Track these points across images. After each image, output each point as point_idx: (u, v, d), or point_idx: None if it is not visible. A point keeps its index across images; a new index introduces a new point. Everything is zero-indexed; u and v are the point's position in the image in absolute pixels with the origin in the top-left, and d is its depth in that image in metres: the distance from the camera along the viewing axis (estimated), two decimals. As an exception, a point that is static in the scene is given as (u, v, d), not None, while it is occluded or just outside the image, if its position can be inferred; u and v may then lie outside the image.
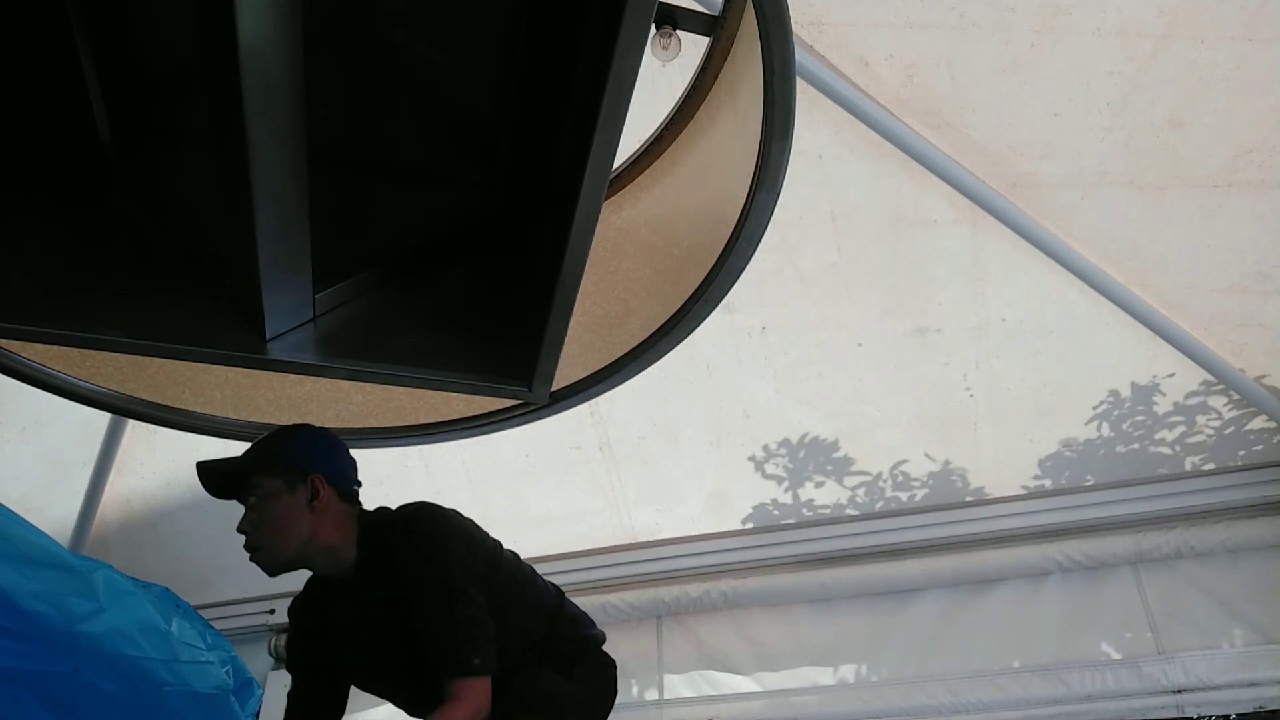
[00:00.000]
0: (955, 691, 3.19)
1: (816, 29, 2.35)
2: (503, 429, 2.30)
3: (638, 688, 3.50)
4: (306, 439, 1.95)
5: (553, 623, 2.05)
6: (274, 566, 1.84)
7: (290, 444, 1.92)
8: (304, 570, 1.91)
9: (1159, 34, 2.24)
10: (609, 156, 1.37)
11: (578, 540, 3.64)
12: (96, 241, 1.72)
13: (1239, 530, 3.14)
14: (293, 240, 1.49)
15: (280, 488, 1.82)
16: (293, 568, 1.87)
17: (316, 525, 1.83)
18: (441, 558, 1.81)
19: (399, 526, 1.86)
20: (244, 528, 1.83)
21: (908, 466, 3.33)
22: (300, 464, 1.85)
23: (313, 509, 1.83)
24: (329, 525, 1.84)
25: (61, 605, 2.33)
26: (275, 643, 3.85)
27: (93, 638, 2.39)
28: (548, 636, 2.02)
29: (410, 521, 1.87)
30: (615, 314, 2.08)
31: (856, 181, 2.67)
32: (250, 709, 3.24)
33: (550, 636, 2.02)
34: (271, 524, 1.81)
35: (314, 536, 1.83)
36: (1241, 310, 2.83)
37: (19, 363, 1.96)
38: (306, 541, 1.82)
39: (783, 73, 1.53)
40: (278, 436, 1.94)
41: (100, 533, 3.57)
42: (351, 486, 1.95)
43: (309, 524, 1.82)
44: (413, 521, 1.86)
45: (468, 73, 1.77)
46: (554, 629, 2.04)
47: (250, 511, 1.83)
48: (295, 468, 1.84)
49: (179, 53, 1.69)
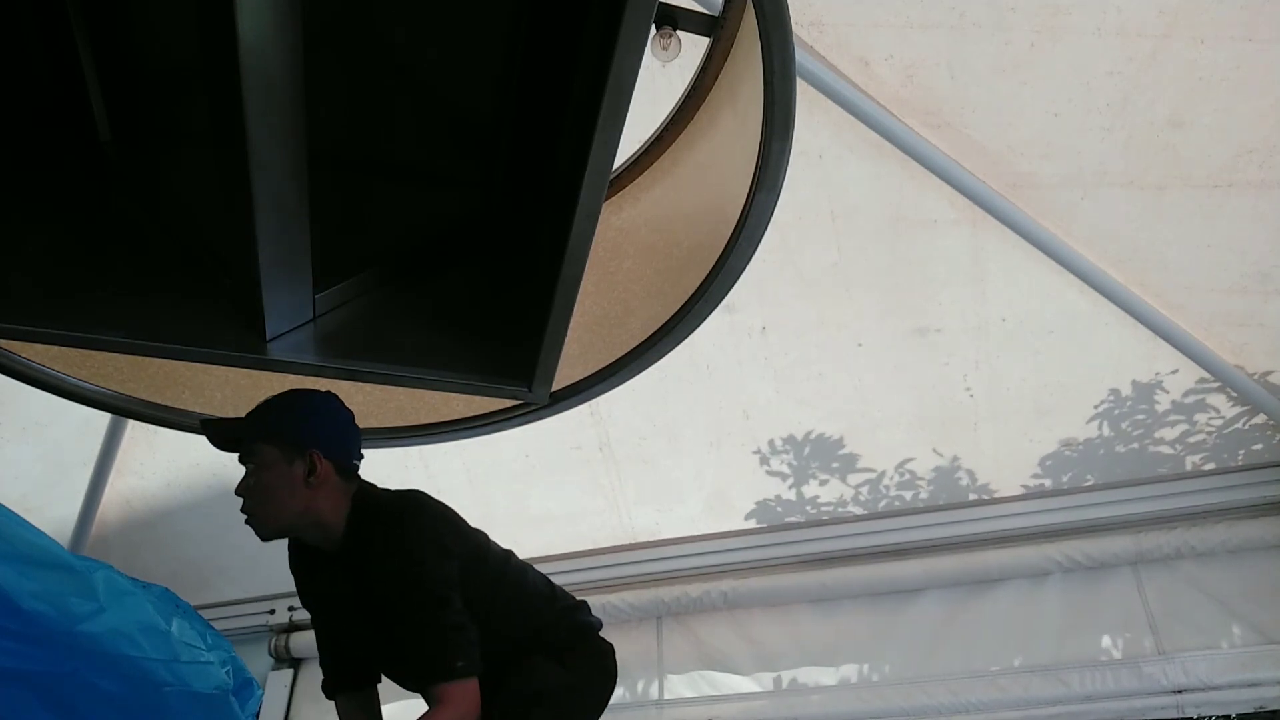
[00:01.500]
0: (956, 691, 3.19)
1: (817, 29, 2.35)
2: (503, 429, 2.30)
3: (638, 688, 3.51)
4: (310, 410, 1.91)
5: (546, 612, 2.05)
6: (265, 534, 1.84)
7: (293, 415, 1.88)
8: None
9: (1159, 34, 2.24)
10: (609, 157, 1.37)
11: (578, 540, 3.64)
12: (96, 242, 1.71)
13: (1239, 530, 3.14)
14: (293, 240, 1.49)
15: (279, 458, 1.81)
16: (284, 536, 1.88)
17: (311, 499, 1.82)
18: (419, 566, 1.79)
19: (383, 520, 1.85)
20: (241, 490, 1.83)
21: (908, 467, 3.33)
22: (301, 438, 1.84)
23: (309, 484, 1.81)
24: (323, 501, 1.83)
25: (61, 605, 2.33)
26: (275, 643, 3.85)
27: (93, 638, 2.38)
28: (542, 626, 2.02)
29: (394, 520, 1.85)
30: (615, 314, 2.08)
31: (857, 182, 2.67)
32: (250, 709, 3.24)
33: (545, 627, 2.02)
34: (266, 493, 1.80)
35: (307, 510, 1.82)
36: (1242, 310, 2.83)
37: (19, 363, 1.96)
38: (299, 514, 1.82)
39: (783, 73, 1.53)
40: (282, 405, 1.89)
41: (100, 533, 3.57)
42: (351, 462, 1.93)
43: (303, 498, 1.81)
44: (396, 521, 1.85)
45: (468, 73, 1.77)
46: (548, 618, 2.04)
47: (248, 475, 1.82)
48: (295, 441, 1.83)
49: (179, 53, 1.69)
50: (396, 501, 1.90)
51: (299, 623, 3.86)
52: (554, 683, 1.93)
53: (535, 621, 2.01)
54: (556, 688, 1.93)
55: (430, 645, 1.74)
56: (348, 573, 1.86)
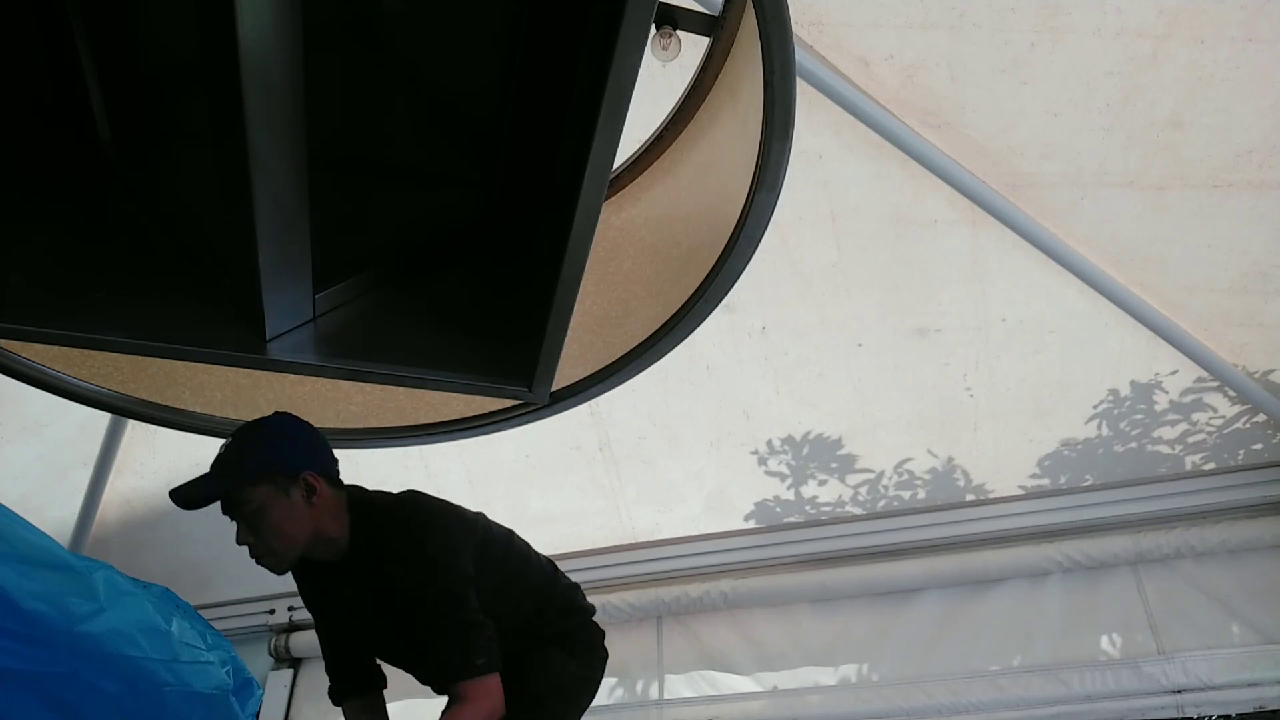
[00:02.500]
0: (955, 691, 3.19)
1: (816, 29, 2.35)
2: (503, 429, 2.30)
3: (638, 688, 3.50)
4: (283, 435, 1.89)
5: (550, 592, 2.09)
6: (283, 569, 1.85)
7: (272, 446, 1.86)
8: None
9: (1159, 34, 2.24)
10: (609, 157, 1.37)
11: (578, 540, 3.64)
12: (96, 242, 1.71)
13: (1239, 530, 3.14)
14: (293, 240, 1.49)
15: (273, 493, 1.80)
16: (297, 563, 1.88)
17: (316, 520, 1.83)
18: (433, 565, 1.81)
19: (391, 524, 1.86)
20: (244, 539, 1.81)
21: (907, 467, 3.33)
22: (290, 465, 1.83)
23: (310, 506, 1.82)
24: (326, 517, 1.84)
25: (61, 605, 2.33)
26: (275, 643, 3.86)
27: (93, 638, 2.38)
28: (544, 607, 2.06)
29: (402, 524, 1.87)
30: (615, 314, 2.08)
31: (856, 182, 2.67)
32: (250, 709, 3.24)
33: (547, 607, 2.06)
34: (275, 530, 1.79)
35: (316, 531, 1.83)
36: (1241, 310, 2.83)
37: (19, 363, 1.96)
38: (310, 538, 1.83)
39: (783, 73, 1.53)
40: (255, 442, 1.85)
41: (100, 533, 3.57)
42: (335, 470, 1.93)
43: (310, 521, 1.82)
44: (404, 524, 1.87)
45: (468, 73, 1.77)
46: (551, 599, 2.09)
47: (245, 522, 1.80)
48: (286, 471, 1.82)
49: (179, 53, 1.69)
50: (399, 504, 1.91)
51: (299, 623, 3.86)
52: (569, 673, 2.00)
53: (539, 601, 2.05)
54: (572, 679, 2.01)
55: (450, 644, 1.76)
56: (358, 578, 1.88)
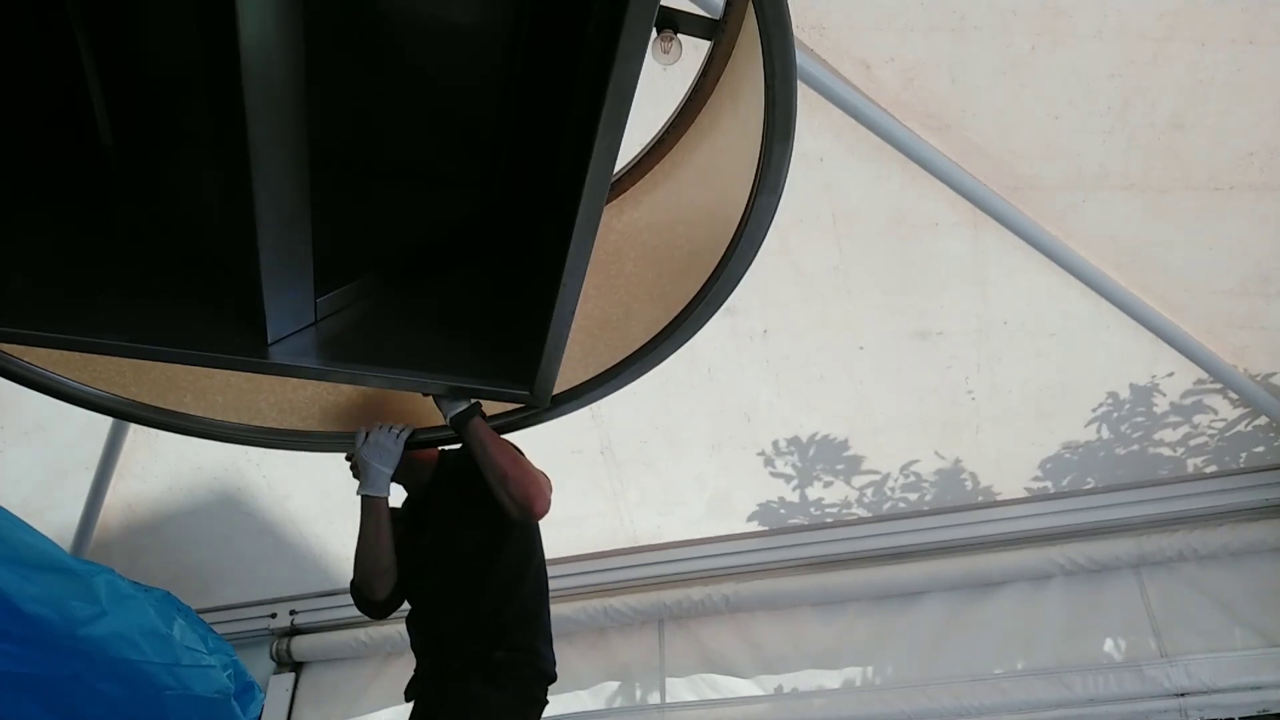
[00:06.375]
0: (958, 695, 3.18)
1: (817, 32, 2.35)
2: (504, 432, 2.30)
3: (640, 692, 3.50)
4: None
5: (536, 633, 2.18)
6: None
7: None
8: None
9: (1160, 37, 2.24)
10: (610, 161, 1.37)
11: (579, 544, 3.63)
12: (98, 245, 1.72)
13: (1241, 533, 3.13)
14: (294, 244, 1.49)
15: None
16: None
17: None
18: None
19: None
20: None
21: (912, 469, 3.33)
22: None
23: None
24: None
25: (63, 609, 2.34)
26: (277, 647, 3.84)
27: (94, 641, 2.39)
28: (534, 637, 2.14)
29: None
30: (617, 317, 2.08)
31: (858, 184, 2.67)
32: (252, 713, 3.24)
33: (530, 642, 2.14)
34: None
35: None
36: (1243, 312, 2.83)
37: (21, 367, 1.96)
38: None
39: (784, 76, 1.53)
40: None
41: (102, 537, 3.57)
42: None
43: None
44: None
45: (470, 76, 1.77)
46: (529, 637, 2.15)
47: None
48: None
49: (180, 56, 1.70)
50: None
51: (300, 626, 3.86)
52: (494, 705, 2.01)
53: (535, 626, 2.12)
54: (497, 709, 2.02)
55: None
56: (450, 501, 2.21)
